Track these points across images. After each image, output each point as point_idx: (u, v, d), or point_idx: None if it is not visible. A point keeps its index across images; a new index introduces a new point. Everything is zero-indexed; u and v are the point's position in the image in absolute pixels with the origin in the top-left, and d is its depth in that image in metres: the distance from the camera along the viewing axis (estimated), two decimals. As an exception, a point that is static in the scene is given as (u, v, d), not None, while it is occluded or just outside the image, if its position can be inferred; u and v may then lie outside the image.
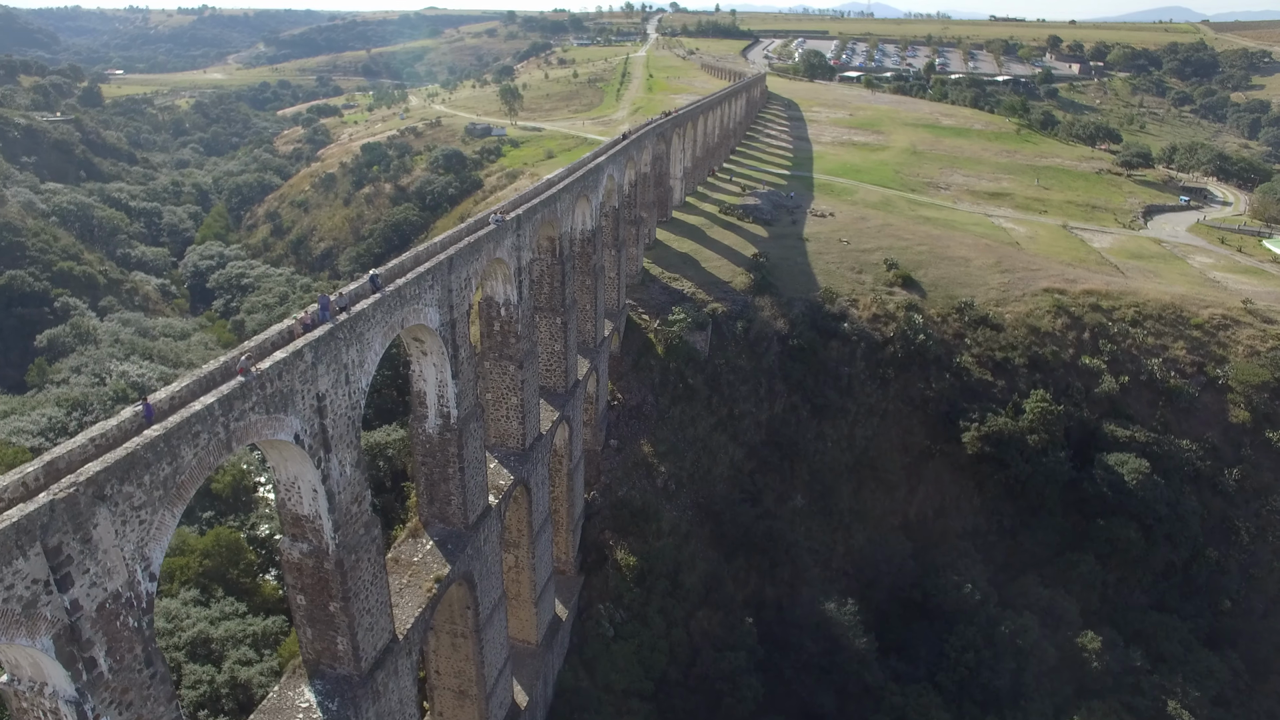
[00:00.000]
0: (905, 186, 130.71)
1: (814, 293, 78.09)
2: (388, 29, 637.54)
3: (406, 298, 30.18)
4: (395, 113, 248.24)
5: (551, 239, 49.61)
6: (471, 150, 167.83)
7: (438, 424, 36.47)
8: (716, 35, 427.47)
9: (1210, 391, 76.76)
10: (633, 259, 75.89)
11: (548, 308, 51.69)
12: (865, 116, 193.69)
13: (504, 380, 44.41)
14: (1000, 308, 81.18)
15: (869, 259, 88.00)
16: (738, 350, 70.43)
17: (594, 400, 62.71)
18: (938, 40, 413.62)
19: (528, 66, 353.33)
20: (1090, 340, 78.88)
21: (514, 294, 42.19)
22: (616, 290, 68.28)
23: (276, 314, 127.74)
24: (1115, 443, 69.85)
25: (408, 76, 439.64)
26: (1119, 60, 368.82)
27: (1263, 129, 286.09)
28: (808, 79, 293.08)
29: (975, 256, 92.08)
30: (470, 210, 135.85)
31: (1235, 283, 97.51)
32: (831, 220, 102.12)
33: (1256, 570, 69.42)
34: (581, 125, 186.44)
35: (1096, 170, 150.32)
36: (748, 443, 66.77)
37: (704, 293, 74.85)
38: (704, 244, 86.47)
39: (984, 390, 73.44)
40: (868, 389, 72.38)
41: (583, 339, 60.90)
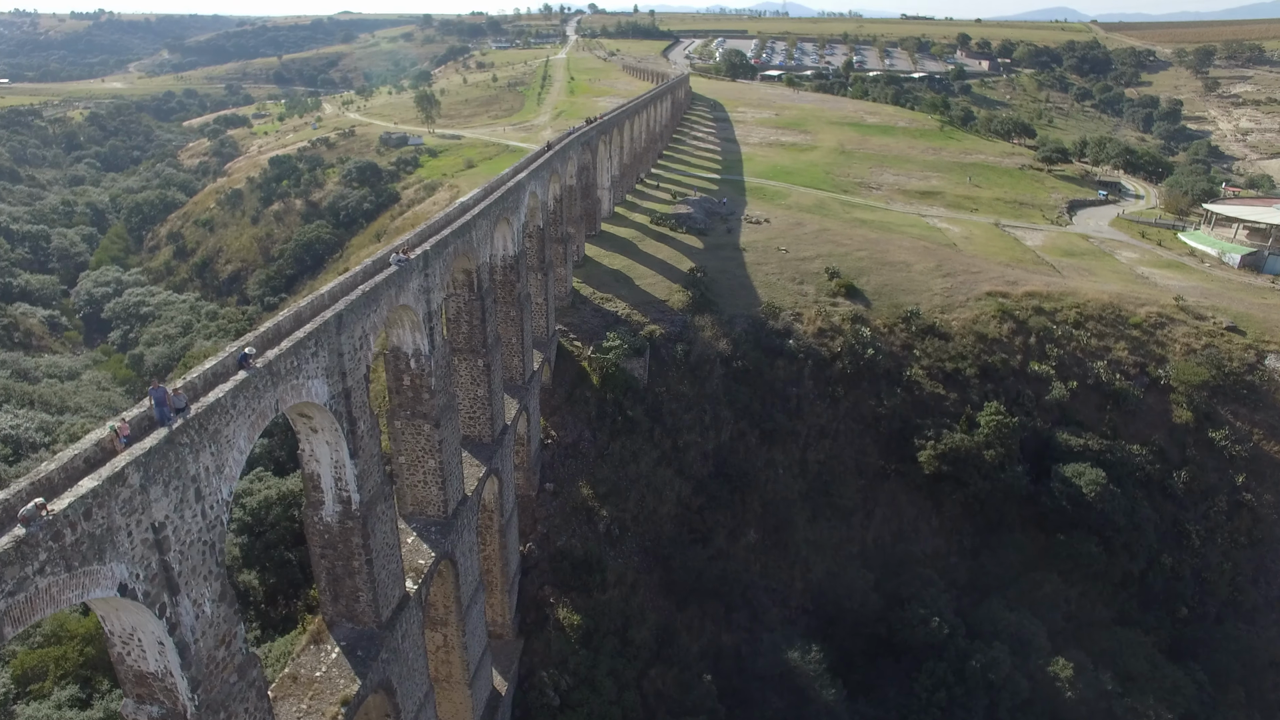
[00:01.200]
0: (837, 188, 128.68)
1: (756, 308, 74.02)
2: (300, 34, 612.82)
3: (281, 373, 24.06)
4: (307, 122, 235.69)
5: (468, 272, 43.71)
6: (387, 161, 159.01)
7: (337, 511, 30.31)
8: (637, 36, 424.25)
9: (1153, 392, 75.91)
10: (561, 280, 70.31)
11: (467, 349, 45.75)
12: (791, 116, 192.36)
13: (418, 441, 38.34)
14: (946, 315, 78.75)
15: (809, 268, 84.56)
16: (679, 376, 65.67)
17: (526, 441, 56.99)
18: (854, 38, 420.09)
19: (445, 71, 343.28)
20: (1037, 345, 77.12)
21: (424, 343, 36.21)
22: (545, 317, 62.64)
23: (179, 345, 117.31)
24: (1070, 452, 67.92)
25: (322, 83, 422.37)
26: (1024, 57, 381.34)
27: (1155, 123, 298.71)
28: (730, 78, 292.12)
29: (916, 260, 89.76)
30: (386, 226, 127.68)
31: (1162, 278, 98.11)
32: (768, 227, 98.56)
33: (1208, 574, 68.49)
34: (503, 131, 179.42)
35: (1019, 166, 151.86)
36: (695, 476, 62.06)
37: (640, 314, 69.83)
38: (637, 259, 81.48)
39: (936, 404, 70.63)
40: (817, 409, 68.65)
41: (510, 376, 55.10)
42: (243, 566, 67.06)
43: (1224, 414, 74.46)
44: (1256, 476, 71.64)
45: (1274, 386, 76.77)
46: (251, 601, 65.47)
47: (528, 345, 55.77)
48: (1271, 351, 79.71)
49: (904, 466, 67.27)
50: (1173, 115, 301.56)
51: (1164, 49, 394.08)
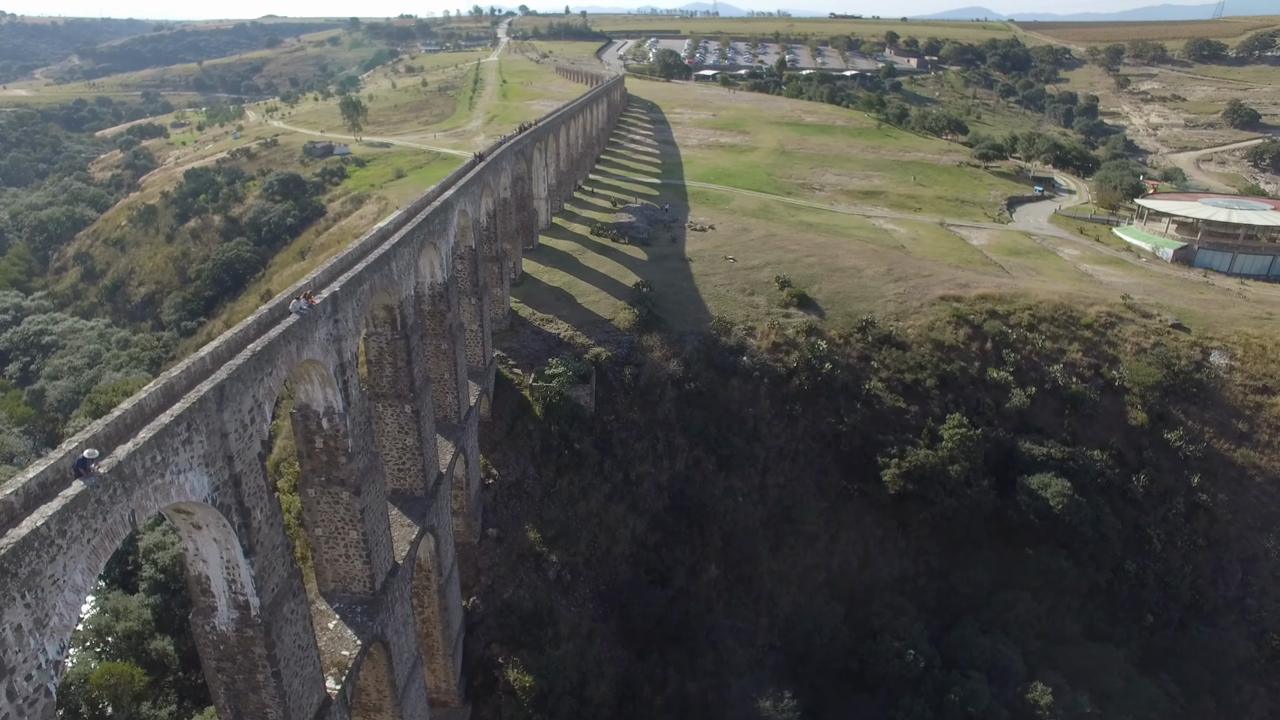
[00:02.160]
0: (780, 190, 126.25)
1: (707, 324, 70.26)
2: (222, 39, 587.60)
3: (139, 475, 18.90)
4: (228, 132, 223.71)
5: (389, 308, 38.58)
6: (311, 173, 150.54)
7: (233, 618, 25.07)
8: (569, 37, 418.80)
9: (1108, 394, 74.92)
10: (498, 301, 65.31)
11: (392, 394, 40.60)
12: (729, 116, 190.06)
13: (336, 512, 33.15)
14: (901, 322, 76.38)
15: (759, 277, 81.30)
16: (628, 402, 61.39)
17: (465, 484, 51.94)
18: (785, 37, 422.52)
19: (374, 76, 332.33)
20: (993, 350, 75.36)
21: (337, 399, 31.08)
22: (481, 345, 57.61)
23: (86, 379, 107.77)
24: (1033, 462, 66.06)
25: (246, 90, 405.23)
26: (950, 55, 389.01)
27: (1075, 118, 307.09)
28: (665, 79, 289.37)
29: (866, 265, 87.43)
30: (311, 242, 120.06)
31: (1106, 275, 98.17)
32: (713, 234, 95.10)
33: (1170, 579, 67.49)
34: (434, 138, 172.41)
35: (958, 164, 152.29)
36: (649, 511, 57.87)
37: (584, 335, 65.30)
38: (578, 274, 76.89)
39: (897, 418, 68.02)
40: (775, 429, 65.24)
41: (443, 415, 50.01)
42: (155, 631, 60.39)
43: (1176, 414, 73.91)
44: (1210, 476, 71.14)
45: (1220, 384, 76.67)
46: (168, 669, 58.89)
47: (462, 380, 50.75)
48: (1215, 348, 79.74)
49: (867, 486, 64.40)
50: (1090, 111, 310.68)
51: (1078, 47, 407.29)
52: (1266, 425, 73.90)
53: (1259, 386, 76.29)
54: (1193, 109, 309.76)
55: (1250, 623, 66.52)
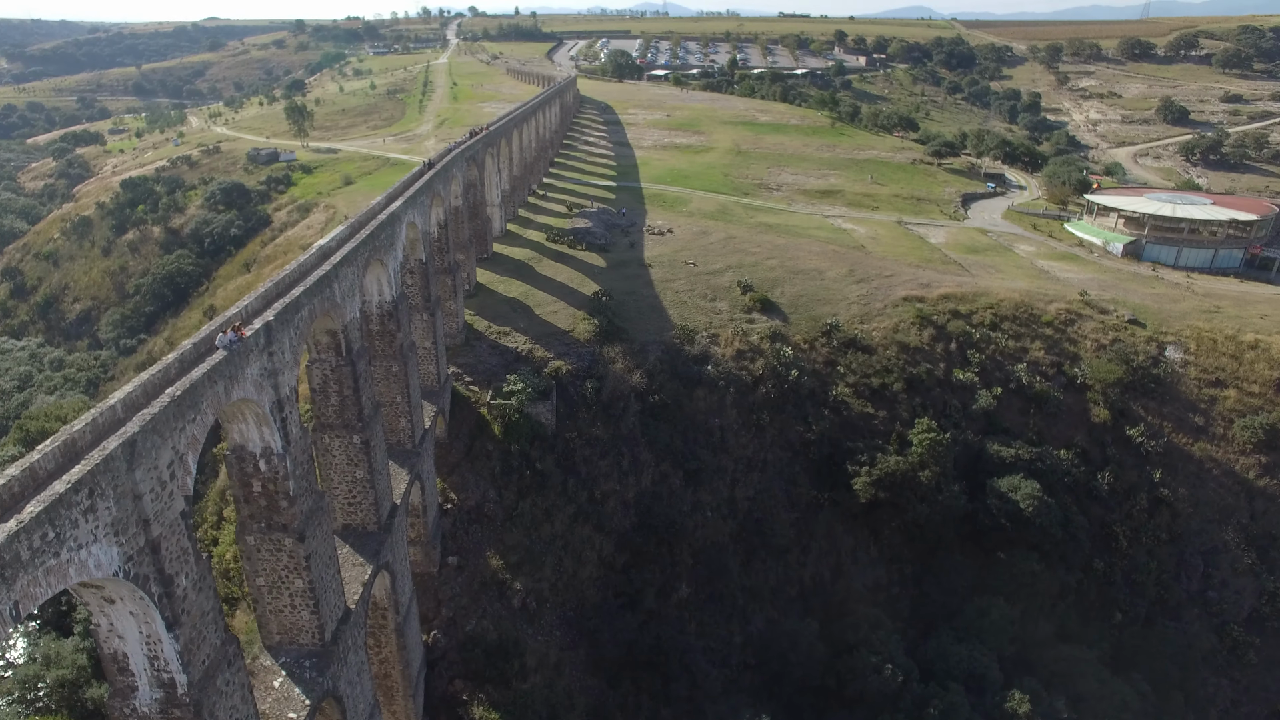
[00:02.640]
0: (737, 190, 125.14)
1: (669, 332, 68.33)
2: (162, 42, 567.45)
3: (24, 559, 16.09)
4: (168, 139, 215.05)
5: (333, 333, 35.76)
6: (256, 181, 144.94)
7: (156, 699, 22.21)
8: (519, 38, 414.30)
9: (1071, 392, 75.05)
10: (452, 315, 62.49)
11: (339, 425, 37.74)
12: (683, 116, 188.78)
13: (279, 560, 30.33)
14: (865, 325, 75.47)
15: (720, 282, 79.70)
16: (590, 417, 59.13)
17: (421, 512, 49.18)
18: (736, 37, 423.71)
19: (321, 79, 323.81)
20: (958, 351, 74.92)
21: (276, 439, 28.30)
22: (435, 363, 54.80)
23: (15, 403, 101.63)
24: (1002, 464, 65.62)
25: (188, 95, 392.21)
26: (898, 53, 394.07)
27: (1020, 114, 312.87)
28: (617, 79, 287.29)
29: (827, 266, 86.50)
30: (256, 253, 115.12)
31: (1061, 271, 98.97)
32: (672, 238, 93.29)
33: (1137, 575, 67.70)
34: (383, 143, 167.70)
35: (911, 161, 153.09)
36: (616, 530, 55.72)
37: (542, 349, 62.83)
38: (535, 283, 74.35)
39: (865, 424, 66.99)
40: (743, 440, 63.63)
41: (397, 440, 47.21)
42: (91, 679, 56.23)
43: (1137, 409, 74.33)
44: (1171, 471, 71.61)
45: (1176, 378, 77.39)
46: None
47: (416, 402, 47.97)
48: (1170, 342, 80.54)
49: (838, 495, 63.15)
50: (1034, 107, 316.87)
51: (1019, 45, 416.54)
52: (1220, 418, 74.75)
53: (1212, 380, 77.19)
54: (1128, 105, 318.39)
55: (1212, 615, 67.10)
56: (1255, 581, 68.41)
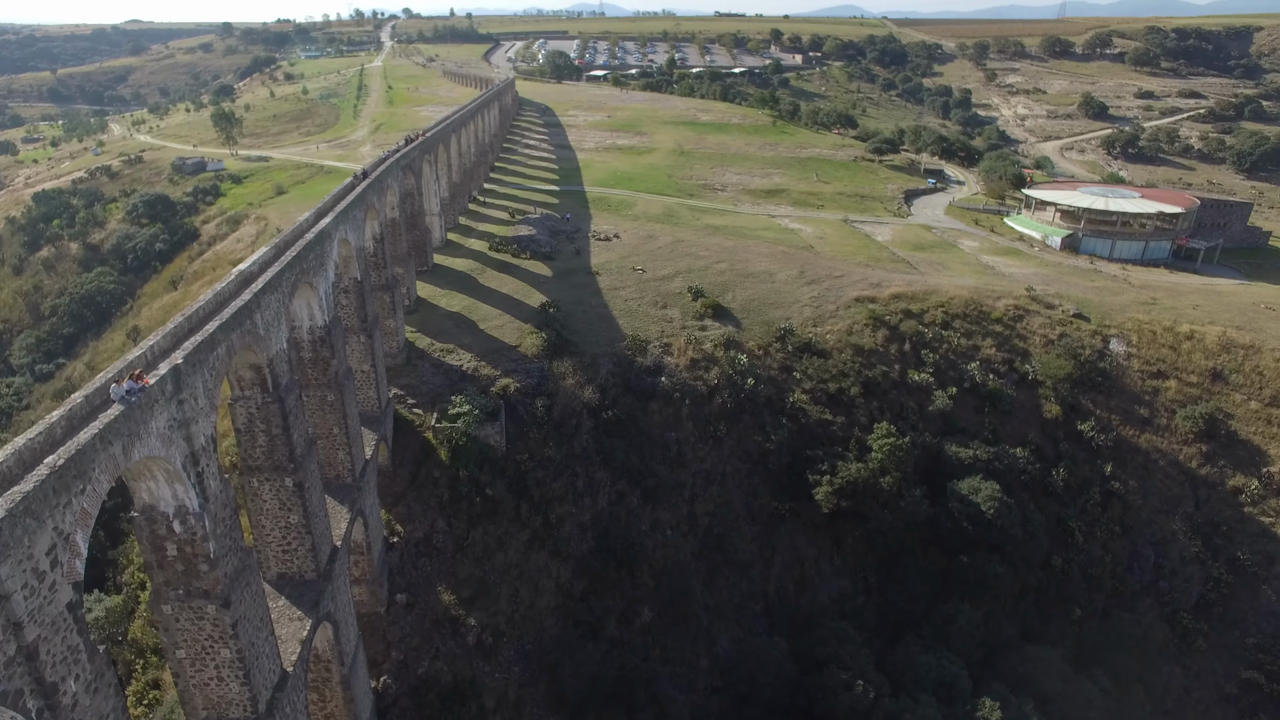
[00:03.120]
0: (682, 192, 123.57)
1: (620, 343, 66.00)
2: (80, 46, 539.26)
3: None
4: (87, 148, 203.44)
5: (257, 367, 32.48)
6: (182, 192, 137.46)
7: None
8: (455, 40, 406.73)
9: (1023, 388, 75.35)
10: (391, 334, 59.07)
11: (269, 466, 34.44)
12: (624, 117, 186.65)
13: (201, 629, 27.04)
14: (819, 327, 74.44)
15: (670, 288, 77.77)
16: (542, 437, 56.45)
17: (366, 548, 45.90)
18: (673, 36, 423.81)
19: (251, 84, 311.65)
20: (912, 352, 74.45)
21: (191, 496, 25.09)
22: (375, 386, 51.47)
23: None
24: (961, 465, 65.23)
25: (110, 101, 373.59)
26: (833, 51, 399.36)
27: (952, 110, 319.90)
28: (556, 80, 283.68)
29: (777, 268, 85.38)
30: (184, 269, 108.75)
31: (1006, 266, 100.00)
32: (618, 244, 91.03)
33: (1093, 569, 68.19)
34: (316, 150, 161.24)
35: (853, 158, 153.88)
36: (573, 555, 53.21)
37: (489, 366, 59.88)
38: (479, 296, 71.21)
39: (824, 430, 65.82)
40: (700, 453, 61.74)
41: (335, 475, 43.89)
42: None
43: (1086, 404, 75.02)
44: (1121, 464, 72.42)
45: (1120, 371, 78.47)
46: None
47: (355, 432, 44.68)
48: (1113, 335, 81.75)
49: (799, 505, 61.79)
50: (965, 103, 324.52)
51: (948, 43, 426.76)
52: (1163, 409, 76.00)
53: (1154, 371, 78.50)
54: (1052, 101, 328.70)
55: (1164, 604, 67.94)
56: (1201, 569, 69.51)
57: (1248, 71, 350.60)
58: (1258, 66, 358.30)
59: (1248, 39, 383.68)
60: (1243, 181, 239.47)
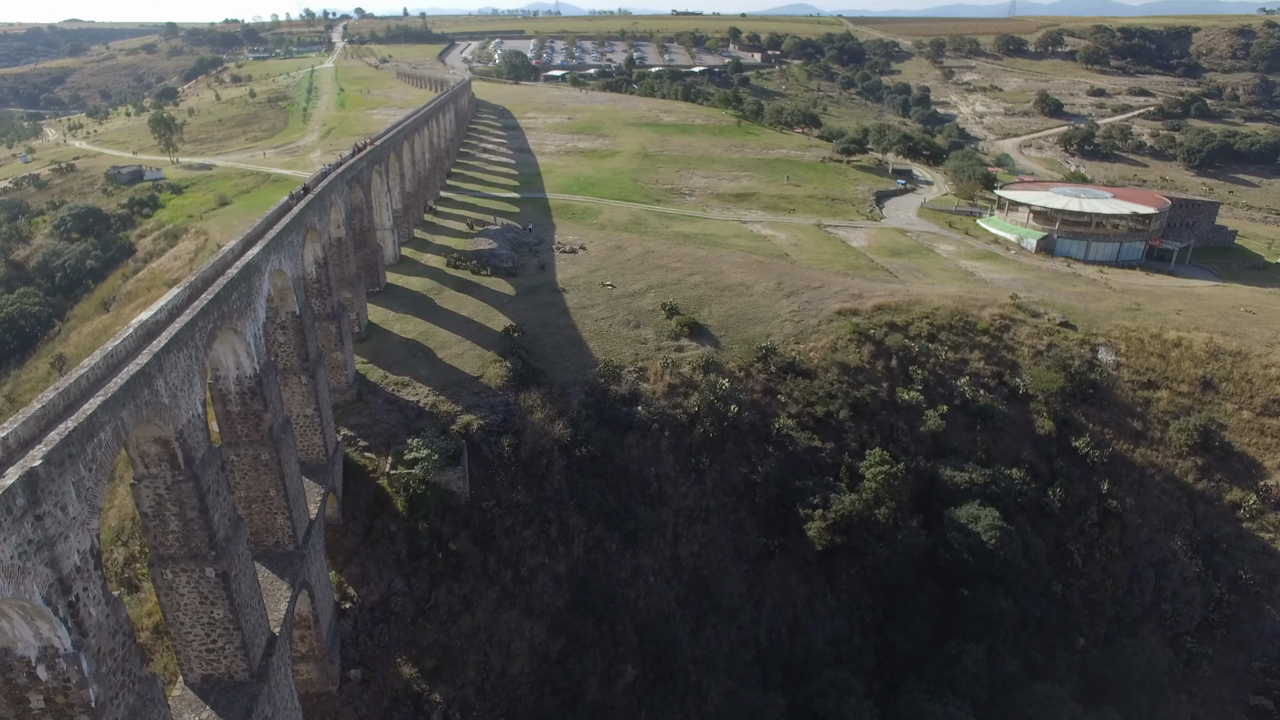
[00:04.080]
0: (649, 197, 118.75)
1: (592, 370, 60.87)
2: (13, 45, 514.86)
3: None
4: (16, 154, 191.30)
5: (164, 441, 26.81)
6: (117, 204, 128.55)
7: None
8: (409, 40, 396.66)
9: (1014, 403, 72.08)
10: (339, 367, 53.23)
11: (184, 555, 28.75)
12: (585, 119, 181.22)
13: (84, 790, 21.43)
14: (802, 345, 70.21)
15: (643, 305, 72.88)
16: (510, 480, 51.17)
17: (313, 621, 40.18)
18: (631, 35, 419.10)
19: (196, 87, 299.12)
20: (899, 368, 70.64)
21: (62, 635, 19.48)
22: (320, 431, 45.67)
23: None
24: (956, 490, 61.52)
25: (46, 104, 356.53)
26: (792, 49, 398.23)
27: (912, 108, 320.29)
28: (513, 81, 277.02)
29: (754, 280, 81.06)
30: (117, 289, 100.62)
31: (985, 271, 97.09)
32: (585, 256, 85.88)
33: (1094, 594, 65.19)
34: (264, 156, 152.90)
35: (821, 159, 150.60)
36: (548, 612, 48.07)
37: (449, 400, 54.34)
38: (436, 320, 65.49)
39: (813, 458, 61.53)
40: (682, 488, 56.99)
41: (274, 542, 38.18)
42: None
43: (1079, 417, 72.06)
44: (1117, 480, 69.54)
45: (1111, 381, 75.76)
46: None
47: (296, 492, 38.96)
48: (1101, 344, 79.05)
49: (789, 541, 57.46)
50: (924, 101, 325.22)
51: (905, 41, 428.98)
52: (1156, 421, 73.42)
53: (1144, 381, 75.94)
54: (1008, 98, 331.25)
55: (1166, 628, 65.22)
56: (1203, 590, 66.92)
57: (1189, 70, 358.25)
58: (1197, 65, 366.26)
59: (1187, 39, 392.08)
60: (1194, 178, 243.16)
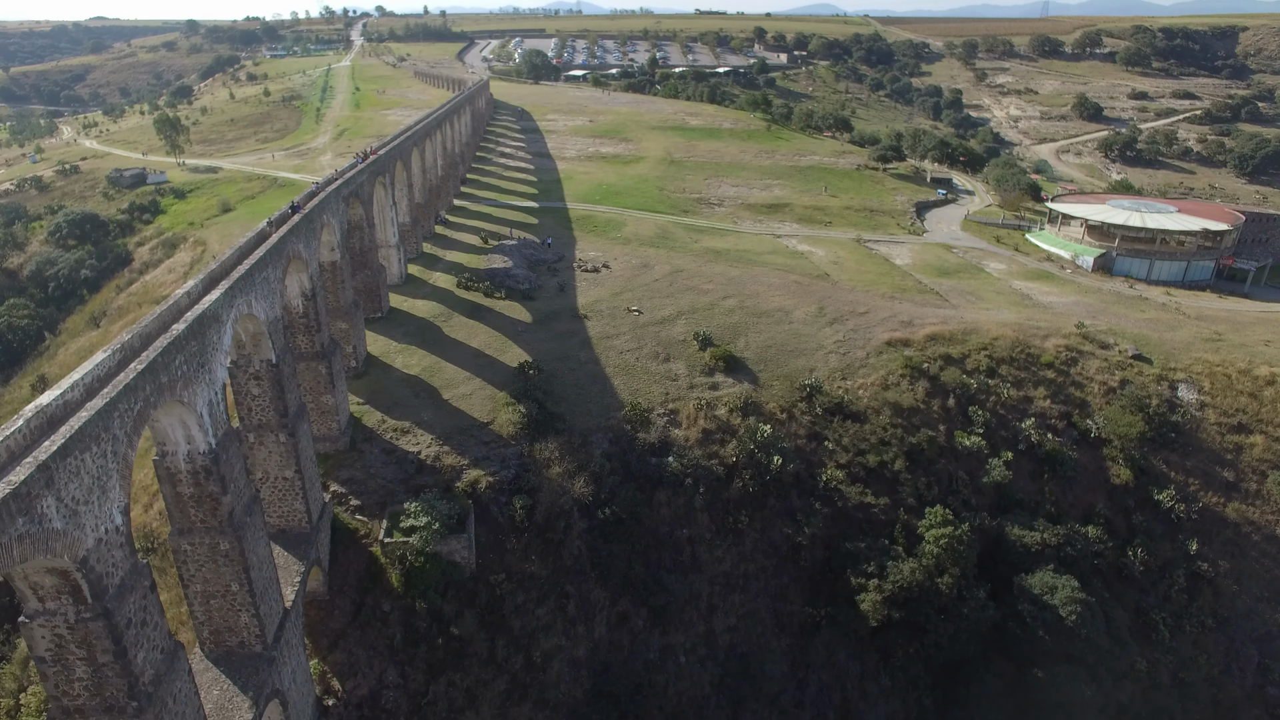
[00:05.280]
0: (676, 208, 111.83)
1: (617, 414, 54.01)
2: (38, 43, 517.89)
3: None
4: (25, 154, 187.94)
5: (62, 573, 20.35)
6: (117, 208, 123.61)
7: None
8: (428, 39, 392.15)
9: (1084, 447, 64.38)
10: (330, 413, 46.82)
11: (99, 708, 22.26)
12: (607, 122, 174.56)
13: None
14: (849, 381, 63.01)
15: (673, 334, 65.97)
16: (521, 548, 44.53)
17: (283, 732, 33.82)
18: (654, 34, 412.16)
19: (212, 85, 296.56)
20: (957, 408, 63.25)
21: None
22: (302, 496, 39.22)
23: None
24: (1026, 552, 54.06)
25: (67, 101, 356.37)
26: (819, 50, 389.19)
27: (944, 111, 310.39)
28: (533, 81, 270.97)
29: (794, 304, 73.93)
30: (109, 303, 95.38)
31: (1041, 294, 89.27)
32: (609, 276, 79.14)
33: (1184, 673, 57.28)
34: (273, 159, 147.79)
35: (856, 167, 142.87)
36: (565, 704, 41.40)
37: (453, 452, 47.75)
38: (443, 351, 58.94)
39: (864, 514, 54.35)
40: (718, 552, 50.07)
41: (238, 642, 31.76)
42: None
43: (1159, 465, 64.19)
44: (1207, 539, 61.62)
45: (1195, 424, 67.75)
46: None
47: (265, 583, 32.46)
48: (1180, 380, 71.08)
49: (838, 611, 50.35)
50: (956, 104, 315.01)
51: (935, 42, 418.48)
52: (1251, 471, 65.36)
53: (1234, 425, 67.85)
54: (1045, 102, 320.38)
55: (1273, 716, 57.16)
56: (1313, 668, 58.93)
57: (1235, 71, 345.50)
58: (1244, 66, 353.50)
59: (1233, 39, 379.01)
60: (1245, 185, 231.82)
